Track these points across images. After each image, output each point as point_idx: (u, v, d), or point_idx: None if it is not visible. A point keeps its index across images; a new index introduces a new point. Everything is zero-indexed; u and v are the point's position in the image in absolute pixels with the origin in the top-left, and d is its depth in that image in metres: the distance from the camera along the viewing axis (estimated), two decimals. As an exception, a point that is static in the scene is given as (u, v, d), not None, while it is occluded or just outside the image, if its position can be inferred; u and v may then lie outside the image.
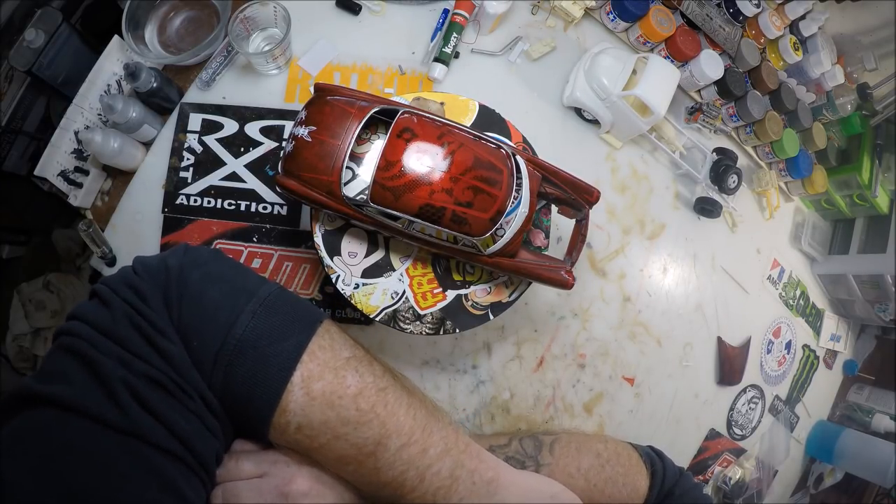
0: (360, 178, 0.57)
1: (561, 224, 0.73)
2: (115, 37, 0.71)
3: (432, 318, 0.58)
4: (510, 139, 0.62)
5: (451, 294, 0.59)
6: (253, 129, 0.71)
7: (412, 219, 0.51)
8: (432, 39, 0.75)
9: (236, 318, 0.38)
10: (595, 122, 0.79)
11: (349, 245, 0.58)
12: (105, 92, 0.70)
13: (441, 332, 0.58)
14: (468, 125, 0.59)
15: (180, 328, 0.37)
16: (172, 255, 0.41)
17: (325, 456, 0.40)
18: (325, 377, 0.38)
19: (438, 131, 0.52)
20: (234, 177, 0.70)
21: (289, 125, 0.70)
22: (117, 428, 0.33)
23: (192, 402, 0.37)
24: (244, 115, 0.71)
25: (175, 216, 0.69)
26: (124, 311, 0.36)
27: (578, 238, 0.59)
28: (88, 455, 0.33)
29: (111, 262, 0.68)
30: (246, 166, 0.70)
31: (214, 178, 0.70)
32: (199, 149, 0.70)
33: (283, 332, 0.39)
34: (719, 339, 0.85)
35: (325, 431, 0.38)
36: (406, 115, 0.52)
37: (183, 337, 0.37)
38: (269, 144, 0.70)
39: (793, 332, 0.94)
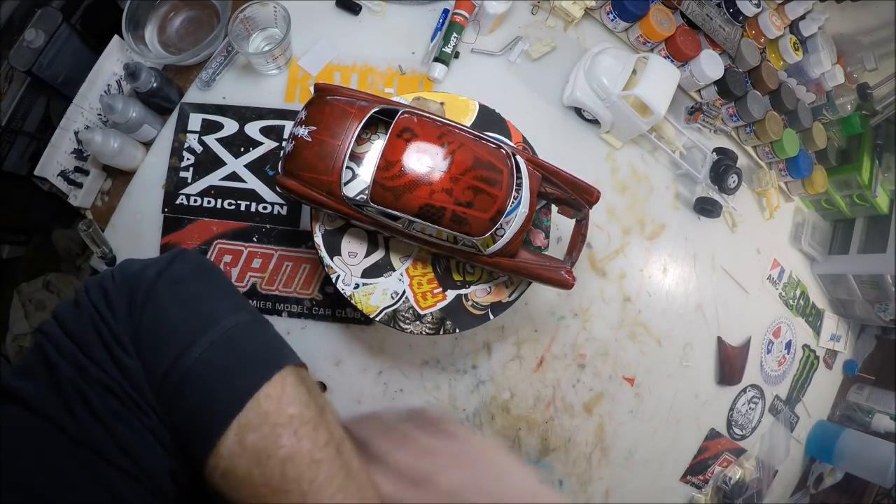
0: (360, 178, 0.57)
1: (561, 224, 0.73)
2: (115, 37, 0.71)
3: (432, 318, 0.58)
4: (510, 139, 0.62)
5: (451, 294, 0.59)
6: (253, 129, 0.71)
7: (412, 219, 0.51)
8: (432, 39, 0.75)
9: (188, 346, 0.36)
10: (595, 122, 0.79)
11: (349, 245, 0.58)
12: (105, 92, 0.70)
13: (441, 332, 0.58)
14: (468, 125, 0.59)
15: (136, 341, 0.36)
16: (157, 262, 0.40)
17: None
18: (262, 430, 0.36)
19: (438, 131, 0.52)
20: (234, 177, 0.70)
21: (289, 125, 0.70)
22: (70, 434, 0.34)
23: (147, 419, 0.36)
24: (244, 115, 0.71)
25: (175, 216, 0.69)
26: (90, 315, 0.36)
27: (578, 238, 0.59)
28: (42, 457, 0.33)
29: (111, 262, 0.68)
30: (246, 166, 0.70)
31: (214, 178, 0.70)
32: (199, 149, 0.70)
33: (236, 370, 0.37)
34: (719, 339, 0.85)
35: (244, 486, 0.36)
36: (406, 115, 0.52)
37: (137, 351, 0.36)
38: (269, 144, 0.70)
39: (793, 332, 0.94)
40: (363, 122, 0.53)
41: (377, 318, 0.57)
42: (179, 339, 0.36)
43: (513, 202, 0.53)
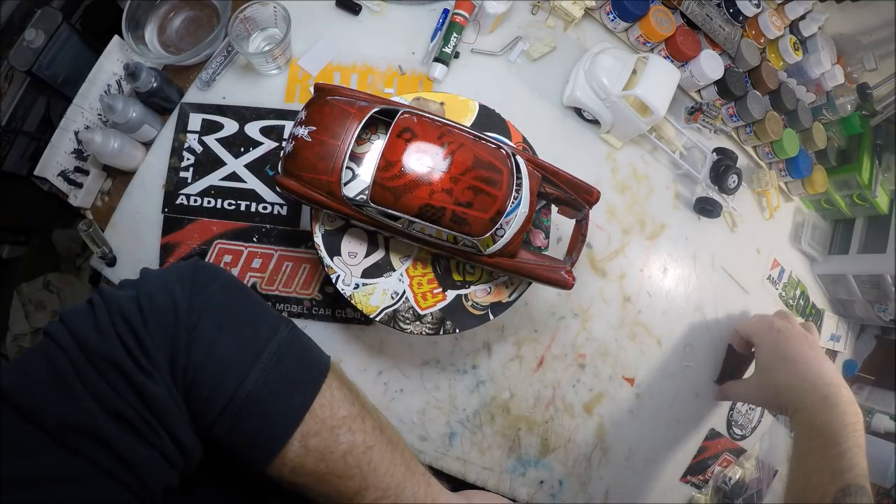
0: (360, 178, 0.57)
1: (561, 224, 0.73)
2: (115, 37, 0.71)
3: (432, 318, 0.58)
4: (510, 139, 0.62)
5: (451, 294, 0.59)
6: (253, 129, 0.71)
7: (412, 219, 0.51)
8: (432, 39, 0.75)
9: (245, 377, 0.39)
10: (595, 122, 0.79)
11: (349, 245, 0.58)
12: (105, 92, 0.70)
13: (441, 332, 0.58)
14: (468, 125, 0.59)
15: (187, 377, 0.38)
16: (179, 285, 0.40)
17: (309, 491, 0.43)
18: (322, 434, 0.42)
19: (438, 131, 0.52)
20: (234, 177, 0.70)
21: (289, 125, 0.70)
22: (69, 445, 0.34)
23: (158, 439, 0.37)
24: (244, 115, 0.71)
25: (175, 216, 0.69)
26: (112, 343, 0.37)
27: (578, 238, 0.59)
28: (34, 467, 0.34)
29: (111, 262, 0.68)
30: (246, 166, 0.70)
31: (214, 178, 0.70)
32: (199, 149, 0.70)
33: (289, 390, 0.42)
34: (730, 346, 0.84)
35: (313, 476, 0.42)
36: (406, 115, 0.52)
37: (190, 385, 0.39)
38: (269, 144, 0.70)
39: (793, 332, 0.94)
40: (363, 122, 0.53)
41: (377, 319, 0.57)
42: (233, 374, 0.39)
43: (513, 202, 0.53)
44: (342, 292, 0.57)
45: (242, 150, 0.70)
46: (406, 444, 0.49)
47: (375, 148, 0.58)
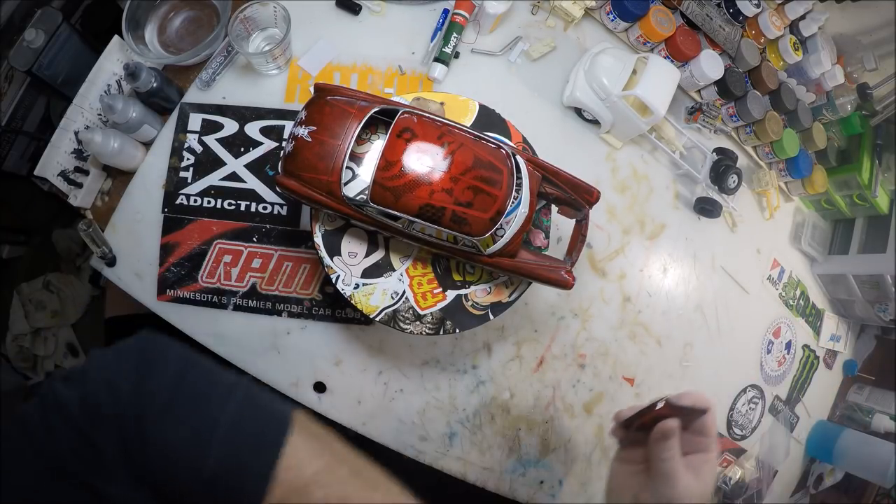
0: (360, 178, 0.57)
1: (561, 224, 0.73)
2: (115, 37, 0.71)
3: (432, 318, 0.58)
4: (510, 139, 0.62)
5: (451, 294, 0.59)
6: (253, 129, 0.71)
7: (412, 219, 0.51)
8: (432, 39, 0.75)
9: (203, 462, 0.38)
10: (595, 122, 0.79)
11: (349, 245, 0.58)
12: (105, 92, 0.70)
13: (441, 332, 0.58)
14: (468, 125, 0.59)
15: (145, 470, 0.37)
16: (124, 373, 0.39)
17: None
18: (291, 498, 0.39)
19: (438, 131, 0.52)
20: (234, 177, 0.70)
21: (289, 125, 0.70)
22: None
23: None
24: (244, 115, 0.71)
25: (175, 216, 0.69)
26: (58, 450, 0.36)
27: (578, 238, 0.59)
28: None
29: (111, 262, 0.68)
30: (246, 166, 0.70)
31: (214, 178, 0.70)
32: (199, 149, 0.70)
33: (249, 462, 0.39)
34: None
35: None
36: (406, 115, 0.52)
37: (150, 479, 0.37)
38: (269, 144, 0.70)
39: (793, 332, 0.94)
40: (363, 122, 0.53)
41: (377, 319, 0.57)
42: (191, 460, 0.38)
43: (513, 202, 0.53)
44: (342, 292, 0.57)
45: (242, 150, 0.70)
46: (390, 481, 0.46)
47: (375, 148, 0.58)
